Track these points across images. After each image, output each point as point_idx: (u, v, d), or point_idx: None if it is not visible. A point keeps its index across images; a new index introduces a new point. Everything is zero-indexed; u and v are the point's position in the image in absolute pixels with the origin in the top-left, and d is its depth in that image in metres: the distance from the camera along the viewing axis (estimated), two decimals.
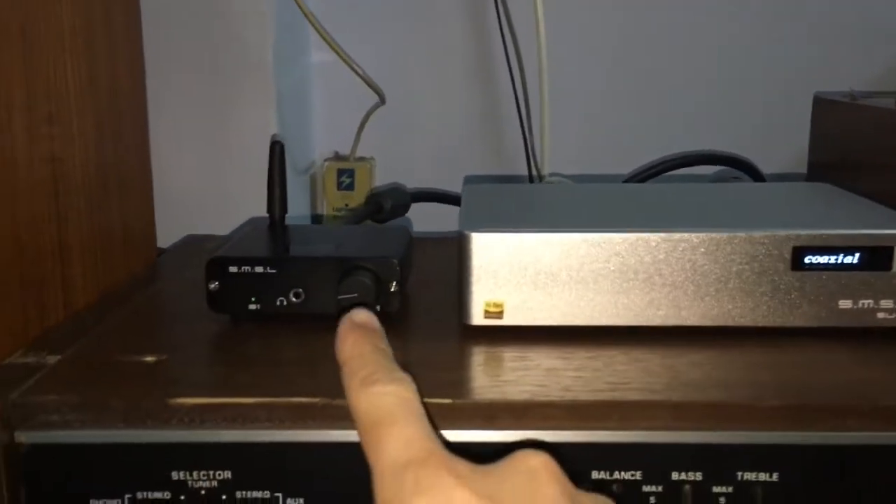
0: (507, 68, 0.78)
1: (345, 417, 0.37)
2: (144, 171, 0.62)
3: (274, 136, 0.55)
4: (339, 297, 0.45)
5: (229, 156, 0.70)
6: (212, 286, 0.47)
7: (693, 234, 0.44)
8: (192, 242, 0.67)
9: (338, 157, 0.85)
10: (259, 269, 0.46)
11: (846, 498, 0.38)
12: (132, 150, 0.59)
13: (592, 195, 0.55)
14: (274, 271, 0.46)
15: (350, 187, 0.85)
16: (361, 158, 0.85)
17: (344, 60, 0.77)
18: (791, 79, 0.80)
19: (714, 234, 0.44)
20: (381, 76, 0.80)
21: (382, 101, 0.81)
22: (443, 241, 0.59)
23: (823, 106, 0.70)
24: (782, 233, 0.43)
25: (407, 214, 0.74)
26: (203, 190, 0.71)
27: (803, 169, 0.71)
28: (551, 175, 0.78)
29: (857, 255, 0.43)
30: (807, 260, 0.44)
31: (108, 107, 0.55)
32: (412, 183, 0.82)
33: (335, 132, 0.84)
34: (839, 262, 0.44)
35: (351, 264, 0.46)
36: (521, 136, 0.78)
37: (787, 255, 0.44)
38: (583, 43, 0.82)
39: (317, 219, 0.85)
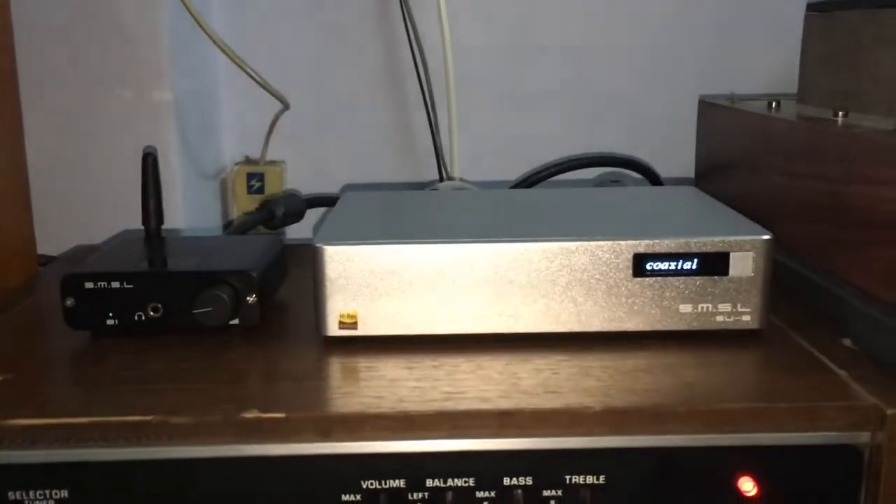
0: (414, 71, 0.79)
1: (179, 435, 0.38)
2: (20, 187, 0.61)
3: (146, 147, 0.55)
4: (194, 311, 0.46)
5: (126, 164, 0.70)
6: (68, 302, 0.47)
7: (538, 244, 0.45)
8: (80, 252, 0.66)
9: (248, 161, 0.85)
10: (115, 285, 0.47)
11: (669, 499, 0.39)
12: (4, 167, 0.59)
13: (463, 203, 0.56)
14: (131, 286, 0.47)
15: (260, 191, 0.84)
16: (272, 162, 0.85)
17: (242, 69, 0.77)
18: (703, 78, 0.81)
19: (559, 244, 0.45)
20: (289, 80, 0.80)
21: (286, 106, 0.81)
22: None
23: (706, 109, 0.72)
24: (623, 242, 0.45)
25: (305, 218, 0.74)
26: (100, 200, 0.70)
27: None
28: (458, 179, 0.79)
29: (696, 261, 0.45)
30: (647, 266, 0.45)
31: None
32: (325, 186, 0.83)
33: (246, 136, 0.84)
34: (678, 268, 0.45)
35: (207, 278, 0.47)
36: (430, 139, 0.79)
37: (629, 262, 0.45)
38: (490, 43, 0.82)
39: (229, 224, 0.85)
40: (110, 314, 0.47)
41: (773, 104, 0.63)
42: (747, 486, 0.39)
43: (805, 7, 0.65)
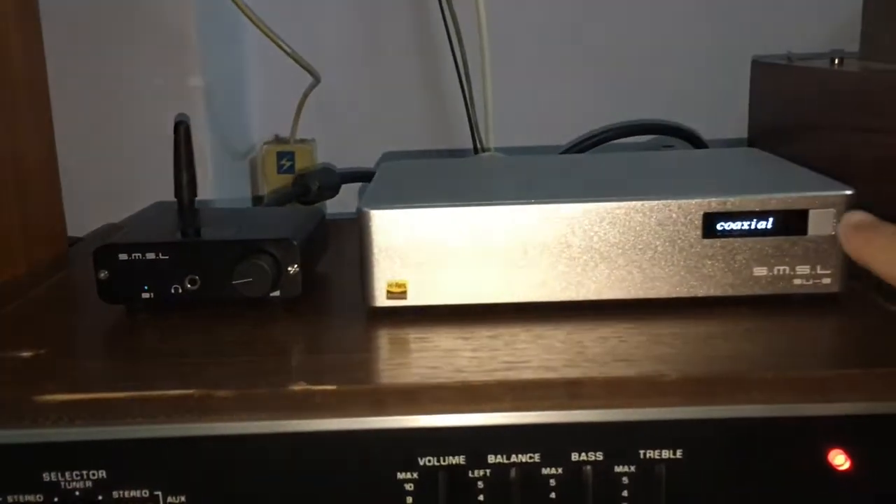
0: (447, 41, 0.76)
1: (223, 410, 0.35)
2: (49, 168, 0.59)
3: (178, 115, 0.53)
4: (234, 282, 0.43)
5: (157, 146, 0.68)
6: (101, 275, 0.44)
7: (599, 205, 0.42)
8: (110, 230, 0.64)
9: (278, 139, 0.83)
10: (150, 256, 0.44)
11: (752, 473, 0.36)
12: (33, 146, 0.57)
13: (511, 168, 0.52)
14: (167, 257, 0.44)
15: (291, 170, 0.82)
16: (302, 140, 0.82)
17: (273, 41, 0.75)
18: (737, 42, 0.78)
19: (621, 204, 0.42)
20: (318, 55, 0.78)
21: (317, 80, 0.79)
22: None
23: (761, 70, 0.68)
24: (692, 200, 0.41)
25: (340, 195, 0.72)
26: (131, 180, 0.69)
27: None
28: (494, 149, 0.76)
29: (771, 220, 0.42)
30: (718, 227, 0.42)
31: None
32: (357, 163, 0.80)
33: (275, 115, 0.82)
34: (752, 227, 0.42)
35: (247, 247, 0.44)
36: (464, 109, 0.76)
37: (699, 223, 0.42)
38: (523, 12, 0.79)
39: (258, 201, 0.83)
40: (146, 287, 0.44)
41: (837, 60, 0.59)
42: (839, 459, 0.36)
43: None
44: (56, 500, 0.36)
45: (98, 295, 0.44)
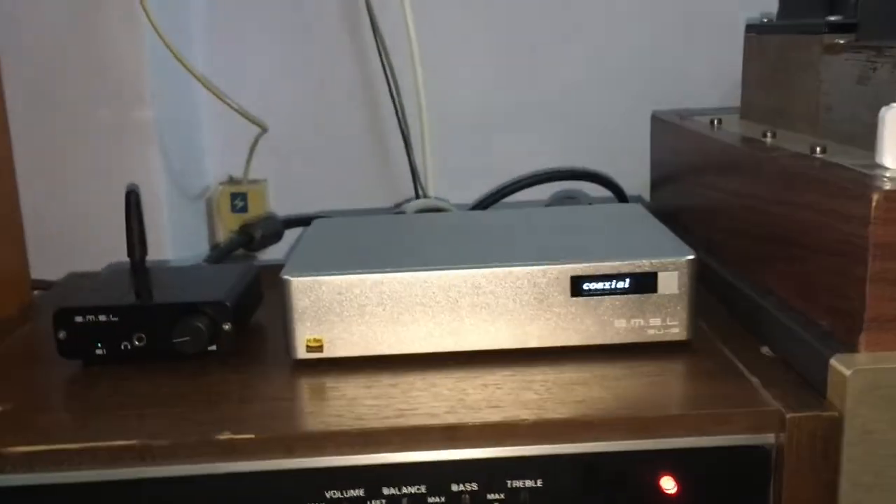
0: (388, 91, 0.83)
1: (160, 456, 0.43)
2: (12, 219, 0.65)
3: (129, 185, 0.60)
4: (174, 340, 0.50)
5: (114, 190, 0.74)
6: (60, 335, 0.51)
7: (484, 269, 0.49)
8: (74, 280, 0.71)
9: (231, 180, 0.89)
10: (103, 318, 0.51)
11: (600, 499, 0.44)
12: None
13: (422, 228, 0.60)
14: (116, 319, 0.51)
15: (244, 209, 0.89)
16: (254, 181, 0.89)
17: (216, 95, 0.82)
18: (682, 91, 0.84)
19: (502, 270, 0.49)
20: (268, 103, 0.85)
21: (264, 129, 0.86)
22: None
23: (657, 125, 0.76)
24: (561, 266, 0.49)
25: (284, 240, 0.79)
26: (88, 226, 0.75)
27: None
28: (434, 197, 0.83)
29: (627, 280, 0.50)
30: (584, 286, 0.50)
31: None
32: (307, 201, 0.87)
33: (229, 156, 0.89)
34: (612, 287, 0.50)
35: (185, 309, 0.51)
36: (406, 156, 0.83)
37: (567, 284, 0.50)
38: (462, 61, 0.86)
39: (216, 246, 0.89)
40: (99, 344, 0.51)
41: (716, 121, 0.67)
42: (668, 484, 0.44)
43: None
44: None
45: (58, 352, 0.51)
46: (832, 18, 0.58)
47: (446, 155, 0.84)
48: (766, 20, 0.69)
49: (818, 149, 0.51)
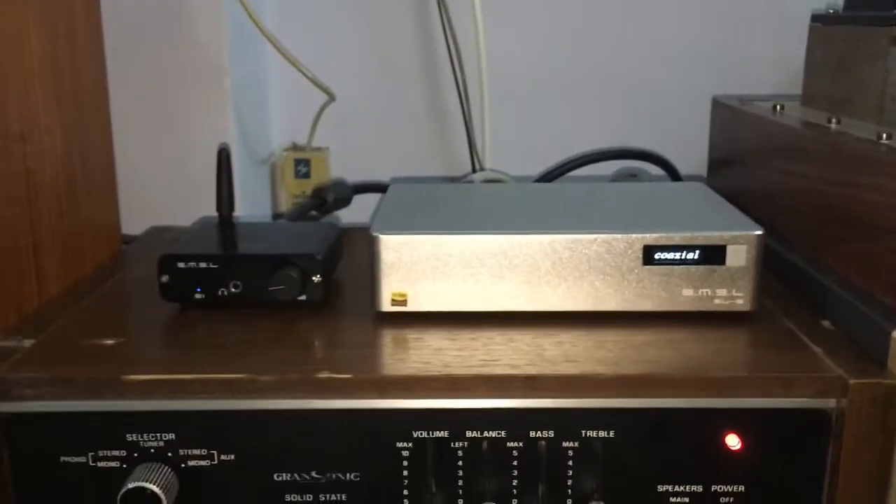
0: (451, 68, 0.86)
1: (265, 390, 0.46)
2: (109, 175, 0.70)
3: (221, 144, 0.63)
4: (270, 288, 0.54)
5: (192, 152, 0.78)
6: (163, 279, 0.55)
7: (562, 235, 0.53)
8: (155, 233, 0.75)
9: (295, 147, 0.93)
10: (203, 265, 0.55)
11: (668, 451, 0.47)
12: (98, 157, 0.67)
13: (496, 197, 0.63)
14: (216, 266, 0.55)
15: (307, 175, 0.92)
16: (317, 149, 0.92)
17: (291, 63, 0.85)
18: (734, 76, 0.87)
19: (579, 236, 0.53)
20: (334, 73, 0.88)
21: (332, 98, 0.89)
22: None
23: (718, 109, 0.79)
24: (635, 235, 0.52)
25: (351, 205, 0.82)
26: (167, 184, 0.78)
27: None
28: (490, 170, 0.86)
29: (697, 252, 0.52)
30: (656, 256, 0.53)
31: (74, 122, 0.63)
32: (367, 171, 0.91)
33: (294, 123, 0.92)
34: (682, 257, 0.53)
35: (279, 260, 0.55)
36: (464, 130, 0.87)
37: (640, 253, 0.53)
38: (523, 38, 0.89)
39: (275, 204, 0.93)
40: (198, 290, 0.55)
41: (778, 107, 0.70)
42: (733, 441, 0.47)
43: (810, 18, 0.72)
44: (136, 455, 0.47)
45: (160, 294, 0.55)
46: None
47: (503, 130, 0.87)
48: (832, 11, 0.71)
49: (884, 135, 0.54)
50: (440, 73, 0.89)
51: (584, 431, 0.47)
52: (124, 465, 0.47)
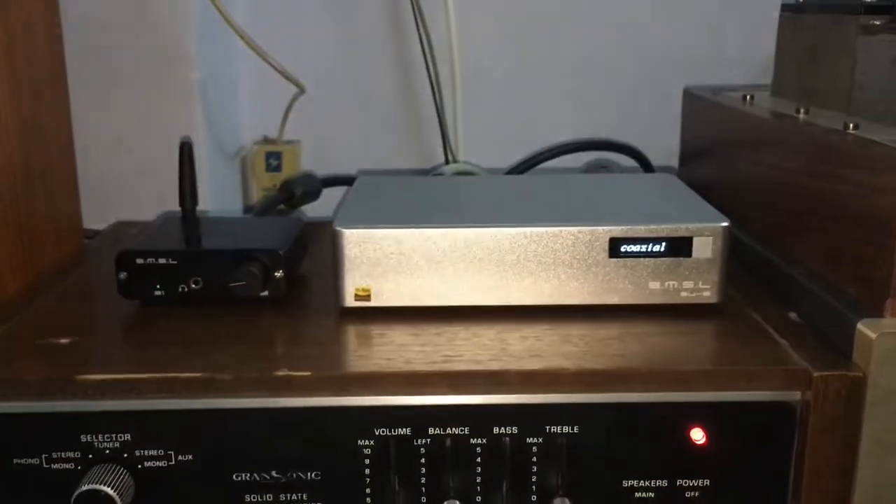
0: (423, 57, 0.85)
1: (223, 389, 0.45)
2: (69, 169, 0.68)
3: (183, 137, 0.62)
4: (231, 284, 0.53)
5: (160, 146, 0.76)
6: (121, 276, 0.54)
7: (527, 228, 0.52)
8: (120, 228, 0.74)
9: (266, 140, 0.92)
10: (162, 261, 0.54)
11: (633, 446, 0.47)
12: (56, 149, 0.66)
13: (462, 189, 0.62)
14: (175, 262, 0.54)
15: (278, 169, 0.91)
16: (289, 142, 0.91)
17: (260, 56, 0.84)
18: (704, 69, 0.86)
19: (545, 229, 0.52)
20: (304, 65, 0.87)
21: (302, 90, 0.88)
22: None
23: (689, 99, 0.78)
24: (601, 227, 0.52)
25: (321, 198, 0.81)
26: (135, 179, 0.77)
27: None
28: (463, 162, 0.85)
29: (663, 244, 0.52)
30: (622, 249, 0.52)
31: (30, 113, 0.61)
32: (338, 164, 0.90)
33: (264, 117, 0.91)
34: (648, 250, 0.52)
35: (240, 255, 0.54)
36: (437, 122, 0.86)
37: (606, 245, 0.52)
38: (495, 30, 0.88)
39: (247, 198, 0.92)
40: (157, 286, 0.54)
41: (748, 97, 0.69)
42: (698, 435, 0.46)
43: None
44: (90, 456, 0.46)
45: (118, 292, 0.54)
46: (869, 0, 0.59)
47: (475, 122, 0.87)
48: (801, 0, 0.70)
49: (851, 125, 0.53)
50: (413, 65, 0.88)
51: (548, 427, 0.46)
52: (79, 467, 0.46)
